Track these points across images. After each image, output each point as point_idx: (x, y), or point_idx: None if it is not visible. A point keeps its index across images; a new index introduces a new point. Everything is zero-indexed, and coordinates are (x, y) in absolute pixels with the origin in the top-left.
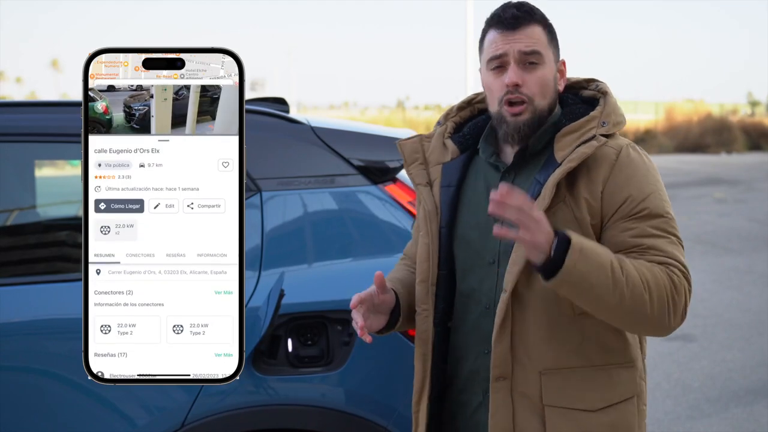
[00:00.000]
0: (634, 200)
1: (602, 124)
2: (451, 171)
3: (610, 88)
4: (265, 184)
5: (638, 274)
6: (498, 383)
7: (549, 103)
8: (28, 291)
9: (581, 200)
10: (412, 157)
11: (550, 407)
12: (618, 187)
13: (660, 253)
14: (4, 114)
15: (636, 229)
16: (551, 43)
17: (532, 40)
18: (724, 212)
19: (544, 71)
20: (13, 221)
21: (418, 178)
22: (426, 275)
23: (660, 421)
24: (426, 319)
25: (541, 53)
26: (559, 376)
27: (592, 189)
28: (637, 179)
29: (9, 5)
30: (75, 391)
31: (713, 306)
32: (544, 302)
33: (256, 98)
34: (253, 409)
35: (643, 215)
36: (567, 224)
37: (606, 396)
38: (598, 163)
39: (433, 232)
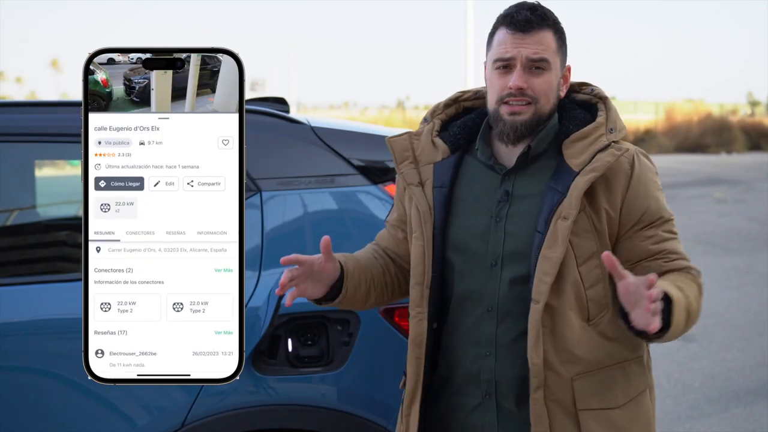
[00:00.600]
0: (653, 211)
1: (610, 131)
2: (443, 171)
3: (604, 93)
4: (265, 184)
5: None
6: (536, 393)
7: (551, 108)
8: (28, 291)
9: (602, 211)
10: (402, 155)
11: (584, 410)
12: (638, 199)
13: (677, 256)
14: (4, 114)
15: (655, 236)
16: (560, 50)
17: (542, 47)
18: (724, 212)
19: (549, 77)
20: (13, 221)
21: (410, 177)
22: (421, 278)
23: (660, 421)
24: (421, 323)
25: (549, 60)
26: (589, 380)
27: (612, 200)
28: (652, 189)
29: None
30: (75, 391)
31: (713, 306)
32: (572, 310)
33: (256, 98)
34: (253, 409)
35: (658, 222)
36: (586, 234)
37: (627, 391)
38: (615, 173)
39: (428, 234)
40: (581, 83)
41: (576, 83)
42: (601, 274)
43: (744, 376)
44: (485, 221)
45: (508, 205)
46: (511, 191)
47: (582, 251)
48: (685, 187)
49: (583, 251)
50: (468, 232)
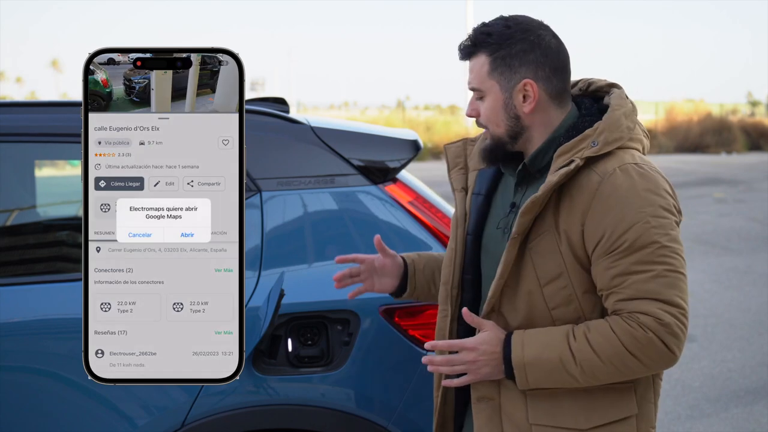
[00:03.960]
0: (612, 235)
1: (592, 144)
2: (483, 179)
3: (621, 98)
4: (265, 184)
5: (583, 352)
6: (481, 404)
7: (505, 130)
8: (28, 291)
9: (561, 232)
10: (454, 161)
11: (537, 425)
12: (596, 221)
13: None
14: (4, 114)
15: (616, 267)
16: (495, 71)
17: (472, 75)
18: (724, 212)
19: (490, 101)
20: (13, 221)
21: (456, 183)
22: (448, 278)
23: (660, 421)
24: (444, 319)
25: (480, 88)
26: (544, 395)
27: (571, 222)
28: (618, 210)
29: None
30: (75, 391)
31: (713, 306)
32: (525, 322)
33: (256, 98)
34: (253, 409)
35: (622, 250)
36: (551, 254)
37: (595, 415)
38: (581, 191)
39: (459, 238)
40: (610, 84)
41: (606, 84)
42: (572, 296)
43: (744, 376)
44: (501, 231)
45: (513, 217)
46: (518, 203)
47: (544, 271)
48: (685, 187)
49: (546, 271)
50: (492, 239)
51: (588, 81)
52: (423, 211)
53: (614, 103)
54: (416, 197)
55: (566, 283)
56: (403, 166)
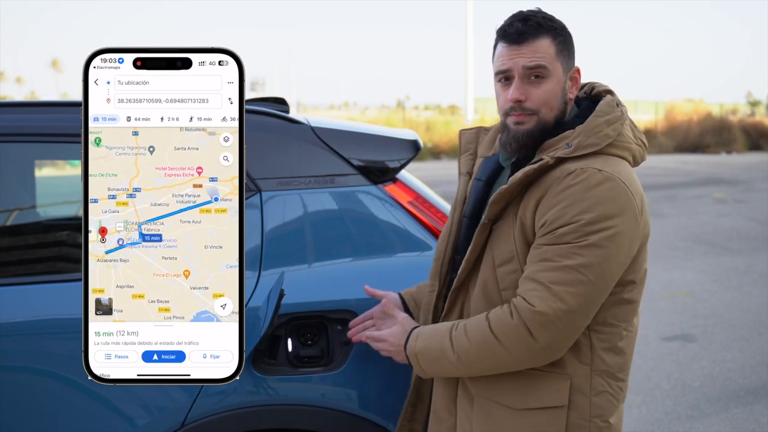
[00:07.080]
0: (550, 225)
1: (566, 146)
2: (486, 166)
3: (609, 105)
4: (265, 184)
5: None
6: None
7: (556, 114)
8: (28, 291)
9: (518, 219)
10: (466, 147)
11: (480, 397)
12: (543, 209)
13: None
14: (4, 114)
15: (537, 251)
16: (560, 54)
17: (537, 55)
18: (724, 212)
19: (550, 84)
20: (13, 221)
21: (464, 167)
22: (440, 255)
23: (660, 421)
24: (431, 294)
25: (547, 67)
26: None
27: (526, 210)
28: (564, 205)
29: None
30: (75, 391)
31: (713, 306)
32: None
33: (256, 98)
34: (253, 409)
35: (549, 238)
36: (506, 239)
37: (530, 399)
38: (540, 185)
39: (455, 219)
40: (608, 90)
41: (604, 90)
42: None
43: (744, 376)
44: None
45: None
46: None
47: (499, 254)
48: (685, 187)
49: (500, 254)
50: None
51: (592, 85)
52: (423, 211)
53: (599, 109)
54: (416, 197)
55: (516, 267)
56: (403, 166)
